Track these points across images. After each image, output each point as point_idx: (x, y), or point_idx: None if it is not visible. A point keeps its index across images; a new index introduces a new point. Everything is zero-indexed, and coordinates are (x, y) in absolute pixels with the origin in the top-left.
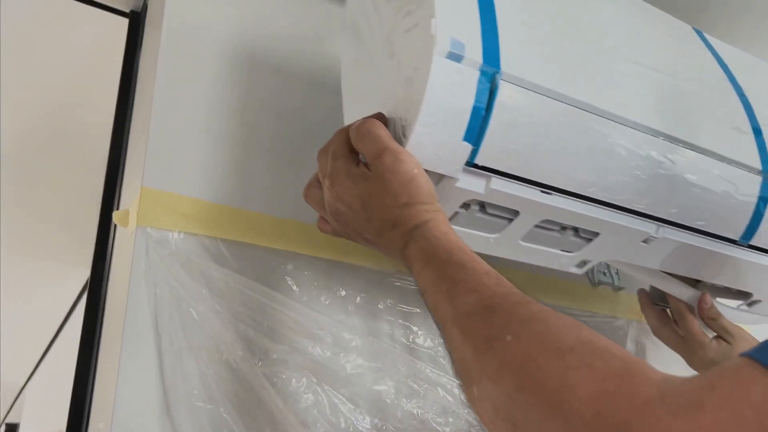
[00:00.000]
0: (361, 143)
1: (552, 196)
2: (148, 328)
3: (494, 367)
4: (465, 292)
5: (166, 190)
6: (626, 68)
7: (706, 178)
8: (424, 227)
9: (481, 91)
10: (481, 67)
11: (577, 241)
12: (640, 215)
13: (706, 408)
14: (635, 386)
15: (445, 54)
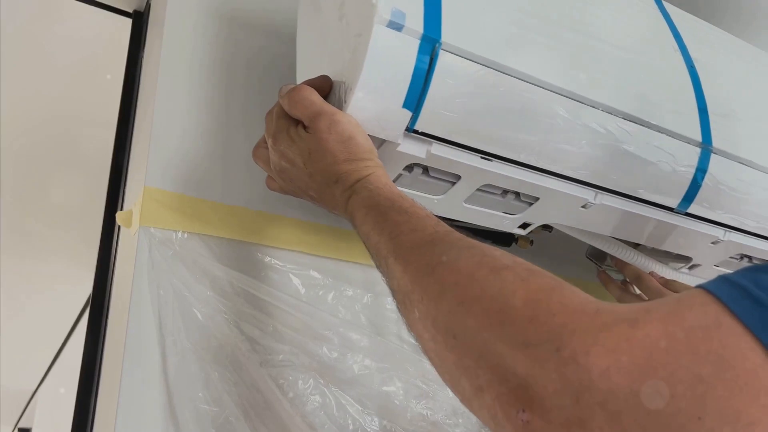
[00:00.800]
0: (294, 109)
1: (492, 162)
2: (151, 329)
3: (436, 288)
4: (407, 231)
5: (169, 190)
6: (570, 39)
7: (645, 149)
8: (366, 180)
9: (421, 59)
10: (422, 37)
11: (519, 205)
12: (579, 182)
13: (638, 324)
14: (568, 298)
15: (386, 23)
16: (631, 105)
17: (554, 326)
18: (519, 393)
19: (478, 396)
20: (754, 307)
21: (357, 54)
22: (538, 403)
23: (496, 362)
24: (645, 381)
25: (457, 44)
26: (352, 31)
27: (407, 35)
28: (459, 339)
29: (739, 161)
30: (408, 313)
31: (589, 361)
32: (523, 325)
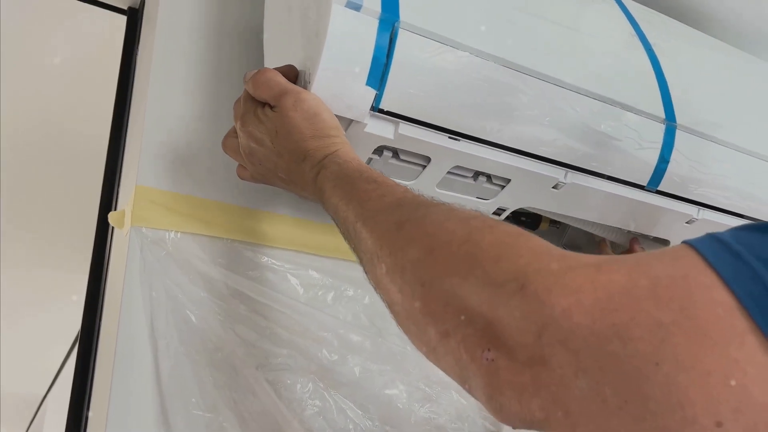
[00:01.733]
0: (258, 91)
1: (460, 142)
2: (143, 333)
3: (404, 241)
4: (376, 197)
5: (162, 189)
6: (528, 21)
7: (609, 126)
8: (334, 155)
9: (381, 38)
10: (380, 16)
11: (492, 188)
12: (548, 161)
13: (602, 269)
14: (535, 242)
15: (344, 3)
16: (592, 83)
17: (520, 266)
18: (484, 333)
19: (443, 342)
20: (730, 259)
21: (319, 36)
22: (502, 341)
23: (463, 305)
24: (605, 322)
25: (415, 23)
26: (314, 17)
27: (366, 15)
28: (427, 286)
29: (705, 137)
30: (375, 270)
31: (551, 298)
32: (490, 265)
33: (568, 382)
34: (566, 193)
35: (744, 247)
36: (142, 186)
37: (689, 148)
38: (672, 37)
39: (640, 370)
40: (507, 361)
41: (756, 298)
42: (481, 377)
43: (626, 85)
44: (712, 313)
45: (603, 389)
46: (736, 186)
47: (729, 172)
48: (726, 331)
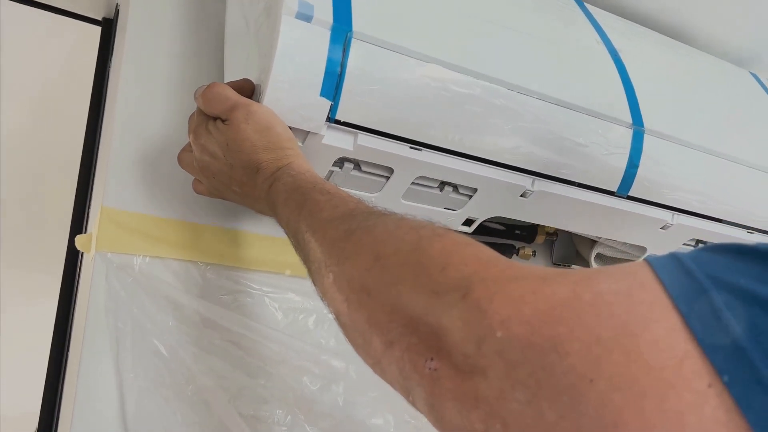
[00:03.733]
0: (210, 107)
1: (422, 152)
2: (107, 366)
3: (352, 249)
4: (328, 208)
5: (130, 210)
6: (489, 28)
7: (575, 132)
8: (287, 167)
9: (334, 49)
10: (332, 26)
11: (459, 199)
12: (514, 169)
13: (547, 281)
14: (483, 252)
15: (294, 14)
16: (556, 90)
17: (464, 274)
18: (428, 342)
19: (388, 352)
20: (681, 277)
21: (270, 48)
22: (445, 350)
23: (408, 313)
24: (543, 334)
25: (368, 32)
26: (266, 30)
27: (316, 25)
28: (373, 294)
29: (674, 141)
30: (323, 280)
31: (491, 307)
32: (435, 273)
33: (506, 395)
34: (535, 202)
35: (698, 265)
36: (108, 207)
37: (659, 152)
38: (638, 43)
39: (575, 386)
40: (449, 371)
41: (702, 318)
42: (423, 387)
43: (591, 92)
44: (653, 332)
45: (540, 403)
46: (710, 190)
47: (701, 175)
48: (665, 353)
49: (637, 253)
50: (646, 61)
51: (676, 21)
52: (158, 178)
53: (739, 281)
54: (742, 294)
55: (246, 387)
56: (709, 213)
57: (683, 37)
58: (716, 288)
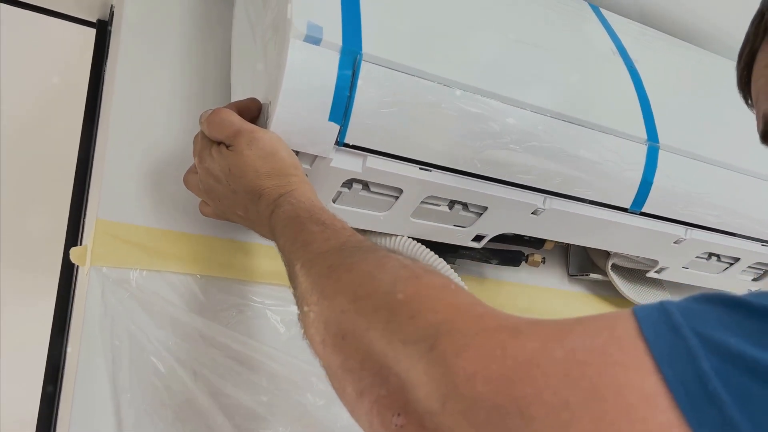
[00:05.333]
0: (214, 132)
1: (431, 172)
2: (103, 385)
3: (332, 288)
4: (320, 240)
5: (126, 222)
6: (499, 45)
7: (588, 150)
8: (289, 195)
9: (343, 72)
10: (342, 49)
11: (469, 216)
12: (525, 188)
13: (520, 334)
14: (457, 297)
15: (302, 37)
16: (569, 107)
17: (433, 323)
18: (396, 395)
19: (359, 401)
20: (666, 333)
21: (278, 71)
22: (412, 406)
23: (380, 363)
24: (508, 394)
25: (379, 54)
26: (274, 51)
27: (326, 48)
28: (347, 339)
29: (689, 156)
30: (304, 316)
31: (457, 363)
32: (405, 321)
33: None
34: (546, 219)
35: (687, 319)
36: (103, 220)
37: (673, 168)
38: (655, 52)
39: None
40: (414, 429)
41: (686, 385)
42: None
43: (606, 107)
44: (627, 398)
45: None
46: (725, 204)
47: (716, 190)
48: (638, 424)
49: (651, 264)
50: (663, 71)
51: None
52: (155, 189)
53: (730, 342)
54: (733, 358)
55: (247, 406)
56: (723, 227)
57: (699, 38)
58: (704, 349)
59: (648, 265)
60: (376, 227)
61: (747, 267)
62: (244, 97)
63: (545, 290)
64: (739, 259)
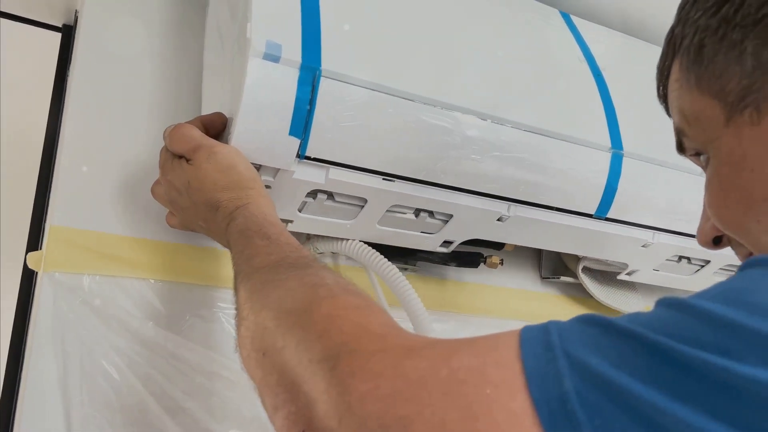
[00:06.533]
0: (175, 146)
1: (395, 182)
2: (53, 392)
3: (260, 304)
4: (263, 254)
5: (80, 227)
6: (461, 57)
7: (551, 159)
8: (244, 208)
9: (303, 88)
10: (301, 66)
11: (435, 223)
12: (489, 196)
13: (413, 353)
14: (367, 318)
15: (261, 55)
16: (532, 117)
17: (338, 343)
18: (304, 412)
19: (275, 416)
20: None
21: (238, 87)
22: (316, 424)
23: (291, 380)
24: (394, 413)
25: (338, 70)
26: (237, 67)
27: (285, 66)
28: (267, 355)
29: (654, 162)
30: (237, 330)
31: (352, 383)
32: (314, 340)
33: None
34: (512, 225)
35: (562, 340)
36: (56, 226)
37: (637, 175)
38: (625, 59)
39: None
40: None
41: (549, 404)
42: None
43: (570, 117)
44: (495, 417)
45: None
46: (691, 208)
47: (681, 195)
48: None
49: (622, 267)
50: (630, 79)
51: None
52: (109, 195)
53: (591, 362)
54: (593, 378)
55: (197, 410)
56: (691, 231)
57: None
58: (570, 369)
59: (619, 268)
60: (344, 235)
61: (719, 269)
62: (213, 109)
63: (519, 291)
64: (710, 261)
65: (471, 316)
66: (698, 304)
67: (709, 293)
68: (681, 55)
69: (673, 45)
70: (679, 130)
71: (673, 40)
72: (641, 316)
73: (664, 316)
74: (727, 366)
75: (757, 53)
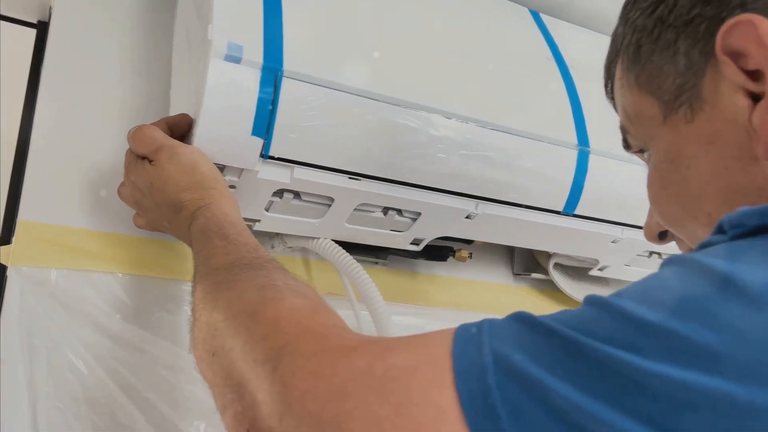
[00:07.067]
0: (138, 147)
1: (361, 181)
2: (20, 386)
3: (212, 305)
4: (220, 255)
5: (48, 222)
6: (426, 56)
7: (518, 157)
8: (205, 208)
9: (265, 88)
10: (263, 67)
11: (404, 221)
12: (457, 194)
13: (352, 353)
14: (311, 319)
15: (223, 56)
16: (498, 115)
17: (279, 345)
18: (249, 412)
19: (224, 414)
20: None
21: (200, 89)
22: (260, 423)
23: (238, 380)
24: (330, 411)
25: (300, 70)
26: (199, 69)
27: (247, 66)
28: (216, 356)
29: (620, 158)
30: (191, 330)
31: (292, 382)
32: (258, 341)
33: None
34: (481, 222)
35: (491, 337)
36: (25, 221)
37: (604, 171)
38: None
39: None
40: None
41: (473, 399)
42: None
43: (537, 115)
44: (424, 412)
45: None
46: None
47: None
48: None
49: (593, 263)
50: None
51: None
52: (78, 190)
53: (515, 358)
54: (514, 374)
55: (164, 401)
56: None
57: None
58: (494, 365)
59: (590, 264)
60: (313, 233)
61: None
62: (180, 110)
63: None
64: None
65: (446, 310)
66: (614, 302)
67: (627, 291)
68: (622, 54)
69: (615, 44)
70: (623, 127)
71: (615, 40)
72: (566, 314)
73: (585, 313)
74: (633, 362)
75: (689, 53)
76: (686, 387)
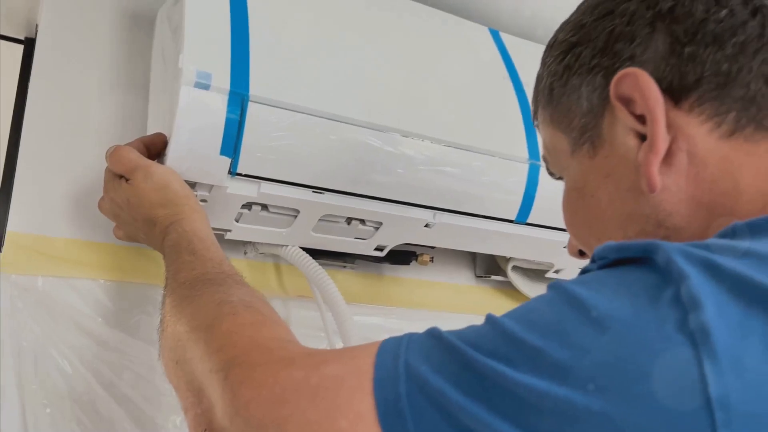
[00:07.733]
0: (115, 167)
1: (324, 195)
2: (10, 388)
3: (176, 318)
4: (187, 269)
5: (35, 233)
6: (387, 76)
7: (472, 172)
8: (177, 224)
9: (232, 112)
10: (230, 92)
11: (367, 230)
12: (415, 205)
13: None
14: (260, 334)
15: (192, 83)
16: (452, 133)
17: (232, 356)
18: (207, 414)
19: (186, 416)
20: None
21: (172, 113)
22: (215, 424)
23: (197, 386)
24: (271, 416)
25: (265, 95)
26: (173, 91)
27: (215, 93)
28: (179, 364)
29: None
30: (159, 340)
31: (240, 390)
32: (213, 353)
33: None
34: (439, 230)
35: (407, 350)
36: (13, 232)
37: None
38: None
39: None
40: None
41: (386, 407)
42: None
43: (491, 132)
44: (346, 417)
45: None
46: None
47: None
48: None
49: (549, 266)
50: None
51: None
52: (62, 202)
53: (421, 369)
54: (420, 383)
55: (143, 399)
56: None
57: None
58: (406, 375)
59: (547, 267)
60: (281, 242)
61: None
62: (157, 128)
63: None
64: None
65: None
66: (500, 320)
67: (514, 312)
68: (540, 94)
69: (537, 85)
70: (544, 157)
71: (537, 80)
72: (469, 329)
73: (480, 329)
74: (506, 372)
75: (590, 97)
76: (543, 395)
